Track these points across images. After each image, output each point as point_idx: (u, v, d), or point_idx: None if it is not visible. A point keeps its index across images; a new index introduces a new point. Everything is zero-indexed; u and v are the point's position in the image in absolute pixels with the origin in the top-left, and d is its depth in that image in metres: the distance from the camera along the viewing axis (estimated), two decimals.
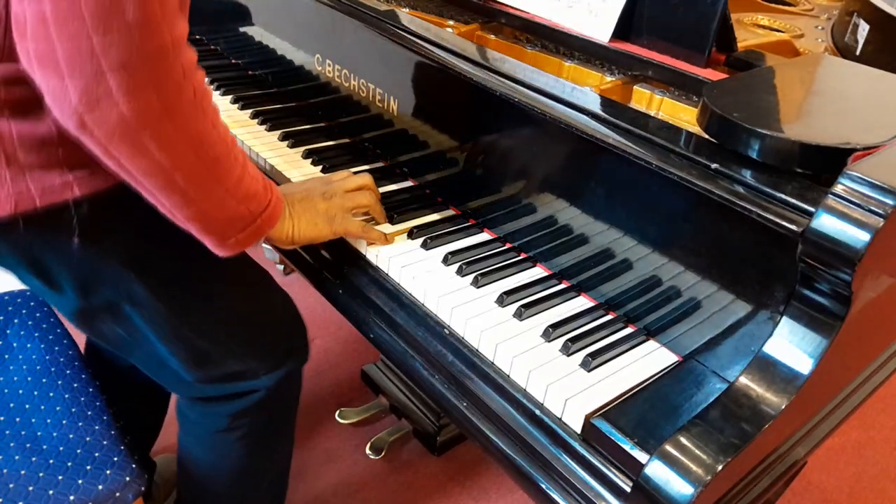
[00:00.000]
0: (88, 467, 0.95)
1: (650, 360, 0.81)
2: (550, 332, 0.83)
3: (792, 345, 0.69)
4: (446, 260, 0.94)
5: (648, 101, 0.96)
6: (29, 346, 1.12)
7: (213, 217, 0.77)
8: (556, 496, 0.74)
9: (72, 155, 0.76)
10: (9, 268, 0.85)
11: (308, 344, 1.08)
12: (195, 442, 1.10)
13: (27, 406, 1.03)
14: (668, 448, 0.65)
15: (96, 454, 0.97)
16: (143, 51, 0.62)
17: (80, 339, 1.15)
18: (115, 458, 0.97)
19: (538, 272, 0.95)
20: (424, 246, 0.97)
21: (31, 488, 0.91)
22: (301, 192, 0.95)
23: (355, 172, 1.11)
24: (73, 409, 1.03)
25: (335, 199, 0.96)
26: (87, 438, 0.99)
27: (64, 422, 1.01)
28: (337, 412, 1.57)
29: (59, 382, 1.07)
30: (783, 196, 0.67)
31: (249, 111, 1.30)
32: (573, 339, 0.81)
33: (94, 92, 0.62)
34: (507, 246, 0.99)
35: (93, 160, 0.73)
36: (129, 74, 0.62)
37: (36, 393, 1.05)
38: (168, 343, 0.92)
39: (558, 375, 0.77)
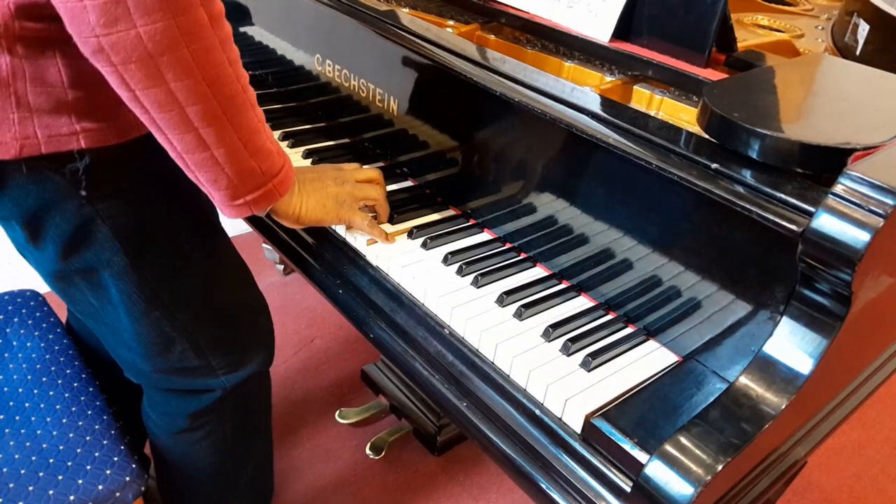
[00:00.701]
0: (88, 467, 0.95)
1: (650, 360, 0.81)
2: (550, 332, 0.83)
3: (792, 345, 0.69)
4: (446, 260, 0.94)
5: (648, 101, 0.96)
6: (29, 345, 1.13)
7: (224, 167, 0.75)
8: (555, 496, 0.74)
9: (81, 102, 0.75)
10: (1, 216, 0.84)
11: (272, 350, 1.08)
12: (161, 443, 1.11)
13: (27, 405, 1.03)
14: (668, 448, 0.65)
15: (96, 454, 0.97)
16: None
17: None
18: (115, 458, 0.97)
19: (538, 272, 0.95)
20: (424, 246, 0.97)
21: (30, 488, 0.91)
22: (313, 173, 0.95)
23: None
24: (73, 409, 1.03)
25: (346, 186, 0.95)
26: (87, 438, 0.99)
27: (64, 420, 1.01)
28: (337, 412, 1.57)
29: (59, 382, 1.07)
30: (783, 196, 0.67)
31: None
32: (573, 339, 0.81)
33: (111, 12, 0.61)
34: (507, 246, 0.99)
35: (102, 112, 0.73)
36: None
37: (36, 392, 1.05)
38: (136, 322, 0.91)
39: (558, 375, 0.77)
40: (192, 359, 0.96)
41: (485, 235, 1.02)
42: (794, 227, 0.65)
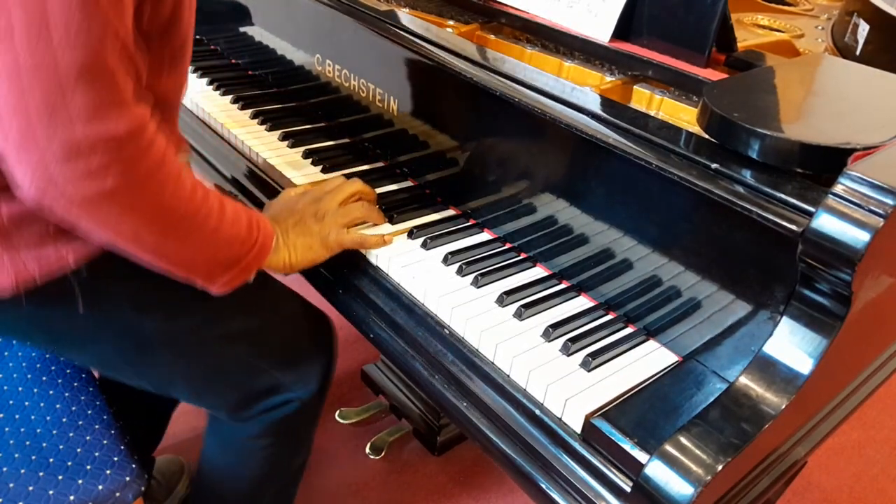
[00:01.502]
0: (88, 467, 0.95)
1: (650, 360, 0.81)
2: (550, 332, 0.83)
3: (792, 345, 0.69)
4: (446, 260, 0.94)
5: (648, 101, 0.96)
6: (28, 343, 1.12)
7: (193, 264, 0.80)
8: (556, 496, 0.74)
9: (62, 228, 0.77)
10: (19, 339, 0.87)
11: (333, 341, 1.08)
12: (221, 445, 1.10)
13: (27, 404, 1.03)
14: (668, 448, 0.65)
15: (96, 454, 0.97)
16: (88, 143, 0.65)
17: None
18: (115, 458, 0.97)
19: (538, 272, 0.95)
20: (424, 246, 0.97)
21: (30, 488, 0.91)
22: (294, 218, 0.95)
23: (354, 173, 1.12)
24: (73, 408, 1.03)
25: (328, 219, 0.95)
26: (87, 438, 0.99)
27: (64, 420, 1.01)
28: (337, 412, 1.57)
29: (59, 381, 1.07)
30: (783, 196, 0.67)
31: (249, 111, 1.30)
32: (573, 339, 0.81)
33: (41, 179, 0.65)
34: (507, 246, 0.99)
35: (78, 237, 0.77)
36: (73, 166, 0.65)
37: (36, 391, 1.05)
38: (193, 376, 0.94)
39: (558, 375, 0.77)
40: (263, 380, 0.98)
41: (485, 235, 1.02)
42: (794, 227, 0.65)
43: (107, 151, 0.66)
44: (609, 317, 0.88)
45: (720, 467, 0.63)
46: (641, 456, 0.67)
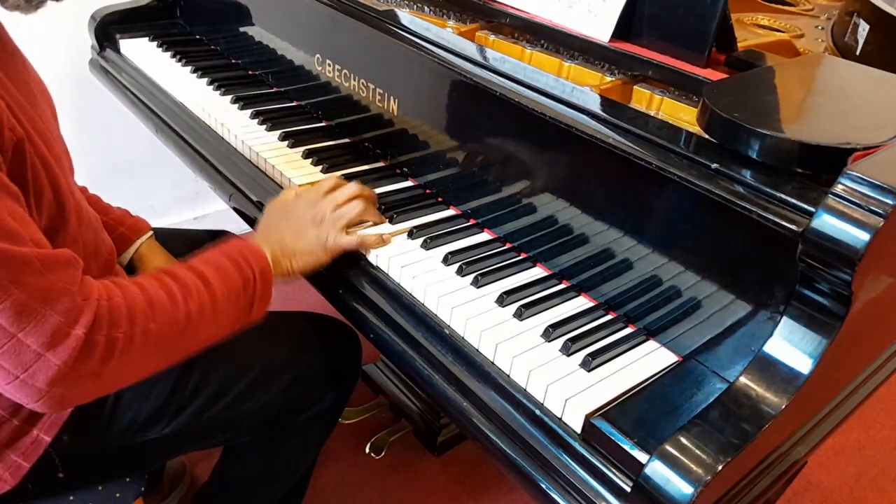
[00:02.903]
0: None
1: (650, 360, 0.81)
2: (550, 332, 0.83)
3: (792, 345, 0.69)
4: (446, 260, 0.94)
5: (648, 101, 0.96)
6: None
7: (218, 336, 0.83)
8: (556, 496, 0.74)
9: (26, 420, 0.81)
10: None
11: (352, 339, 1.09)
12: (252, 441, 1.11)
13: None
14: (668, 448, 0.65)
15: None
16: (68, 362, 0.67)
17: None
18: None
19: (538, 272, 0.95)
20: (424, 246, 0.97)
21: None
22: (291, 224, 0.95)
23: (354, 172, 1.12)
24: None
25: (326, 222, 0.95)
26: None
27: None
28: None
29: None
30: (783, 196, 0.67)
31: (249, 111, 1.30)
32: (573, 339, 0.81)
33: (50, 401, 0.69)
34: (507, 246, 0.99)
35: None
36: (71, 382, 0.69)
37: None
38: (235, 428, 0.96)
39: (558, 375, 0.77)
40: (297, 400, 1.01)
41: (485, 235, 1.02)
42: (794, 227, 0.65)
43: (88, 351, 0.68)
44: (609, 317, 0.88)
45: (720, 467, 0.63)
46: (641, 456, 0.67)
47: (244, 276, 0.84)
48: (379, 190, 1.08)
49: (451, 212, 1.06)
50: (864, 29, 1.21)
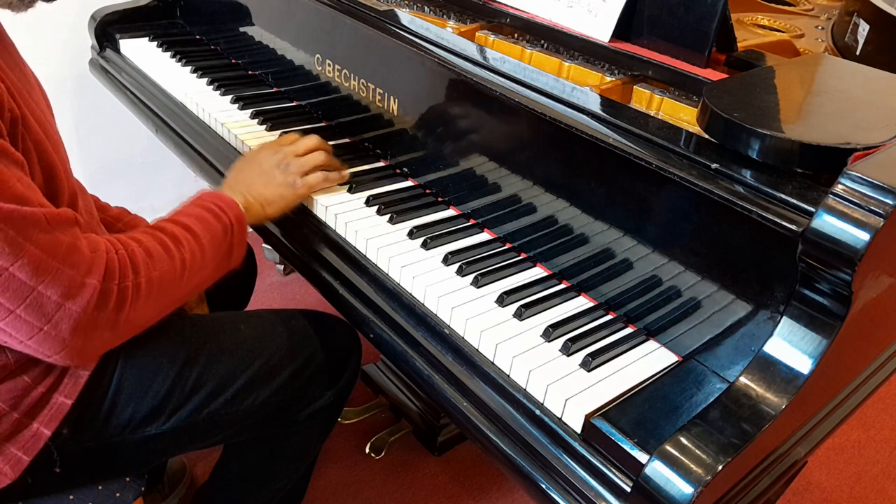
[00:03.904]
0: None
1: (650, 360, 0.81)
2: (550, 332, 0.83)
3: (792, 345, 0.69)
4: (446, 260, 0.94)
5: (648, 101, 0.96)
6: None
7: (203, 283, 0.90)
8: (556, 496, 0.74)
9: (27, 413, 0.82)
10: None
11: (351, 335, 1.09)
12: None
13: None
14: (669, 448, 0.65)
15: None
16: (87, 309, 0.73)
17: None
18: None
19: (538, 272, 0.95)
20: (424, 246, 0.97)
21: None
22: (258, 173, 1.02)
23: (354, 173, 1.12)
24: None
25: (291, 167, 1.04)
26: None
27: None
28: None
29: None
30: (783, 196, 0.67)
31: (249, 111, 1.30)
32: (573, 339, 0.81)
33: (73, 353, 0.75)
34: (507, 246, 0.99)
35: (45, 403, 0.82)
36: (92, 331, 0.74)
37: None
38: (234, 425, 0.96)
39: (558, 375, 0.77)
40: (297, 399, 1.01)
41: (485, 235, 1.02)
42: (794, 227, 0.65)
43: (104, 299, 0.74)
44: (609, 317, 0.88)
45: (720, 467, 0.63)
46: (641, 456, 0.67)
47: (223, 224, 0.90)
48: (379, 190, 1.08)
49: (451, 212, 1.06)
50: (864, 29, 1.21)
